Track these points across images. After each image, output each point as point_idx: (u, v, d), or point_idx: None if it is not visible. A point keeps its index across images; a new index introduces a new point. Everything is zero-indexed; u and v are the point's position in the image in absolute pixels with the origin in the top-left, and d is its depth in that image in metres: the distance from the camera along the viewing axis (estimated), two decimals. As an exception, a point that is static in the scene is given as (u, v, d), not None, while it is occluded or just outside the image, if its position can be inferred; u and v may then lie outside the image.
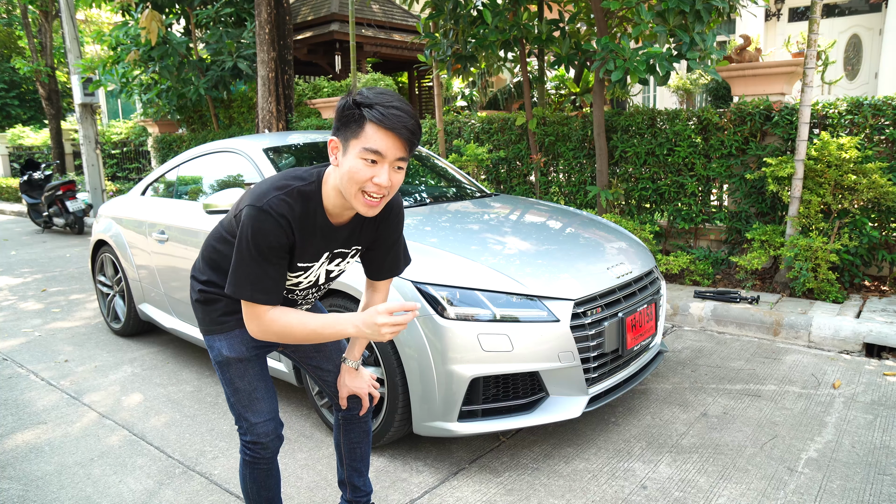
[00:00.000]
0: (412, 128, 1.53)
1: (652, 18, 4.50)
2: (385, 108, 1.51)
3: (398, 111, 1.52)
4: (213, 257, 1.86)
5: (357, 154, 1.53)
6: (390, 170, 1.55)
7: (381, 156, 1.53)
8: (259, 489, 1.96)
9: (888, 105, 4.42)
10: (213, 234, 1.88)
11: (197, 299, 1.89)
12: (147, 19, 8.47)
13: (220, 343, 1.86)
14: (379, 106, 1.51)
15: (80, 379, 3.82)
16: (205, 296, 1.87)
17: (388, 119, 1.50)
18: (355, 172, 1.54)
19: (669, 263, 4.91)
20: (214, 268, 1.86)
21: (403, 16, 13.35)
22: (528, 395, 2.62)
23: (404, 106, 1.54)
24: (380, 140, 1.51)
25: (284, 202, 1.61)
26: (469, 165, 6.11)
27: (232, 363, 1.85)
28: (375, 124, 1.51)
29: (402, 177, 1.61)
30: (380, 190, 1.56)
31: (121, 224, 4.39)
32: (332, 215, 1.70)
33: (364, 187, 1.56)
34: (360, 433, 2.14)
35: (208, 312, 1.87)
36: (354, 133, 1.54)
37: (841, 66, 10.64)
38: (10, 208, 13.50)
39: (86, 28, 18.32)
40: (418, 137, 1.57)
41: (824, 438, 2.80)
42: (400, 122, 1.51)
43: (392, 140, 1.52)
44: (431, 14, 6.04)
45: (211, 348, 1.88)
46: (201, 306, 1.89)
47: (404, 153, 1.55)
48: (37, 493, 2.59)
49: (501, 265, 2.74)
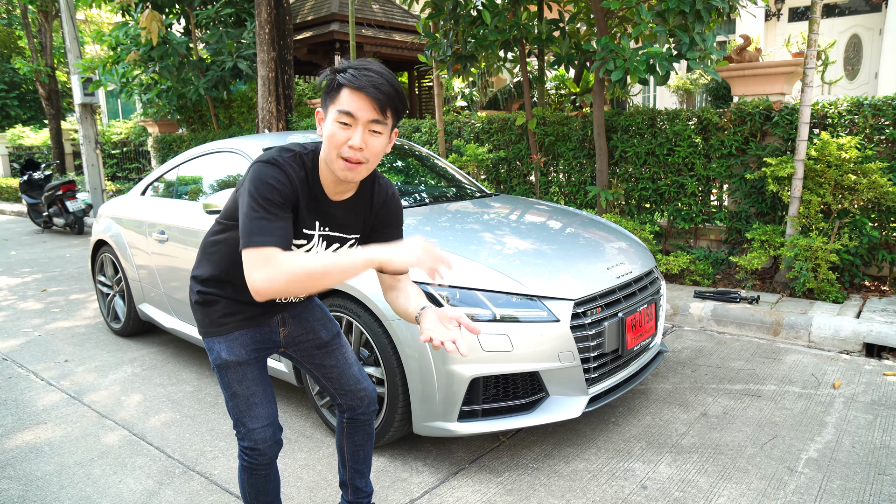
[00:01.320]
0: (384, 89, 1.54)
1: (652, 18, 4.50)
2: (357, 70, 1.55)
3: (370, 72, 1.55)
4: (211, 251, 1.85)
5: (333, 118, 1.57)
6: (364, 132, 1.56)
7: (353, 117, 1.55)
8: (258, 494, 1.94)
9: (888, 105, 4.42)
10: (211, 230, 1.88)
11: (196, 301, 1.88)
12: (147, 19, 8.47)
13: (220, 346, 1.84)
14: (352, 69, 1.55)
15: (80, 379, 3.82)
16: (204, 297, 1.86)
17: (359, 80, 1.53)
18: (331, 136, 1.58)
19: (669, 263, 4.91)
20: (215, 262, 1.84)
21: (403, 16, 13.35)
22: (528, 395, 2.62)
23: (380, 69, 1.56)
24: (352, 102, 1.54)
25: (289, 162, 1.63)
26: (469, 165, 6.11)
27: (231, 367, 1.83)
28: (347, 87, 1.54)
29: (382, 143, 1.61)
30: (355, 154, 1.57)
31: (121, 224, 4.39)
32: (328, 190, 1.71)
33: (340, 151, 1.58)
34: (364, 435, 2.13)
35: (207, 314, 1.86)
36: (332, 99, 1.58)
37: (841, 66, 10.64)
38: (10, 208, 13.50)
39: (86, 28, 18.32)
40: (395, 101, 1.57)
41: (824, 438, 2.80)
42: (369, 82, 1.53)
43: (363, 101, 1.54)
44: (431, 14, 6.04)
45: (210, 351, 1.87)
46: (200, 308, 1.88)
47: (378, 115, 1.56)
48: (37, 493, 2.59)
49: (501, 265, 2.74)
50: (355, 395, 2.06)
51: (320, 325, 2.04)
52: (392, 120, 1.61)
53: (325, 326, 2.05)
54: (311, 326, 2.02)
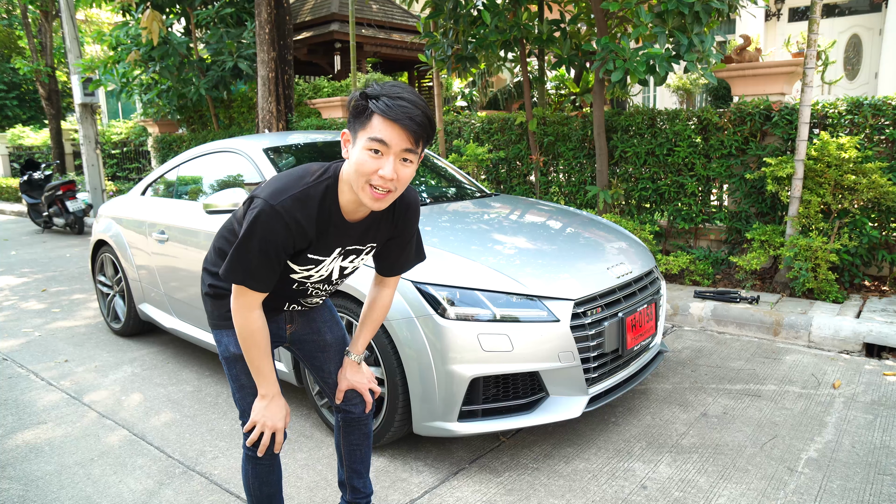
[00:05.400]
0: (419, 119, 1.51)
1: (651, 20, 4.50)
2: (391, 98, 1.51)
3: (404, 102, 1.51)
4: (225, 249, 1.85)
5: (363, 145, 1.53)
6: (396, 162, 1.53)
7: (386, 146, 1.51)
8: (261, 485, 1.96)
9: (888, 105, 4.42)
10: (227, 225, 1.87)
11: (207, 293, 1.89)
12: (148, 19, 8.48)
13: (228, 339, 1.86)
14: (385, 97, 1.51)
15: (80, 379, 3.82)
16: (215, 290, 1.87)
17: (393, 110, 1.49)
18: (361, 164, 1.54)
19: (669, 263, 4.91)
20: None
21: (403, 16, 13.35)
22: (528, 395, 2.62)
23: (413, 98, 1.53)
24: (384, 131, 1.50)
25: (298, 203, 1.60)
26: (469, 165, 6.11)
27: (239, 359, 1.85)
28: (381, 115, 1.50)
29: (412, 172, 1.58)
30: (385, 183, 1.54)
31: (121, 224, 4.39)
32: (346, 212, 1.68)
33: (370, 179, 1.54)
34: (361, 435, 2.13)
35: (217, 307, 1.87)
36: (362, 125, 1.54)
37: (841, 66, 10.64)
38: (10, 208, 13.50)
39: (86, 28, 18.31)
40: (427, 131, 1.55)
41: (824, 438, 2.80)
42: (405, 113, 1.50)
43: (397, 131, 1.50)
44: (431, 14, 6.04)
45: (218, 343, 1.89)
46: (211, 300, 1.89)
47: (411, 145, 1.53)
48: (37, 493, 2.59)
49: (501, 265, 2.74)
50: (351, 402, 2.08)
51: (326, 327, 2.07)
52: (422, 148, 1.58)
53: (330, 329, 2.08)
54: (318, 327, 2.05)
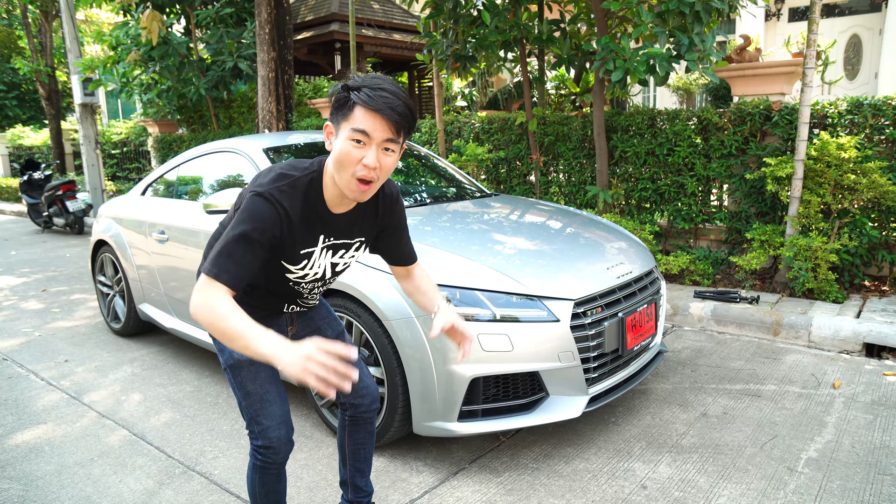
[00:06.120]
0: (400, 110, 1.54)
1: (652, 19, 4.50)
2: (372, 89, 1.54)
3: (385, 93, 1.54)
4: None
5: (346, 136, 1.56)
6: (378, 151, 1.56)
7: (368, 136, 1.54)
8: (268, 493, 1.94)
9: (888, 105, 4.42)
10: (216, 232, 1.89)
11: None
12: (148, 19, 8.48)
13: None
14: (367, 88, 1.54)
15: (80, 379, 3.82)
16: None
17: (375, 101, 1.52)
18: (345, 154, 1.56)
19: (669, 263, 4.91)
20: None
21: (403, 16, 13.35)
22: (528, 395, 2.62)
23: (394, 88, 1.56)
24: (367, 121, 1.53)
25: (285, 192, 1.62)
26: (469, 165, 6.11)
27: (243, 366, 1.83)
28: (363, 106, 1.53)
29: (394, 161, 1.62)
30: (368, 172, 1.57)
31: (121, 224, 4.39)
32: (331, 204, 1.71)
33: (355, 171, 1.57)
34: (366, 434, 2.14)
35: None
36: (345, 116, 1.56)
37: (841, 66, 10.64)
38: (10, 208, 13.50)
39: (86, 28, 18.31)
40: (409, 121, 1.57)
41: (824, 438, 2.80)
42: (386, 103, 1.53)
43: (379, 121, 1.53)
44: (431, 14, 6.04)
45: (221, 351, 1.86)
46: None
47: (392, 135, 1.56)
48: (37, 493, 2.59)
49: (501, 265, 2.74)
50: (358, 394, 2.08)
51: (326, 324, 2.10)
52: (403, 138, 1.61)
53: (330, 325, 2.11)
54: (318, 325, 2.08)
